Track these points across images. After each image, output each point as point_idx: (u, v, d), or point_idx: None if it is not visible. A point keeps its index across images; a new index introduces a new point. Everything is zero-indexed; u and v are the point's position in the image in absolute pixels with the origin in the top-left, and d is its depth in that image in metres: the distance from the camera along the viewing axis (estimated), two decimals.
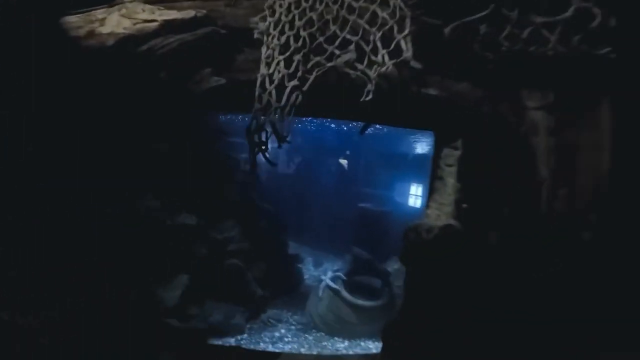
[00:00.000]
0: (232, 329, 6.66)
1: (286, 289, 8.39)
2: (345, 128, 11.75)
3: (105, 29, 2.55)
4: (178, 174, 5.91)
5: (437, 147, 3.96)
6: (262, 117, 2.28)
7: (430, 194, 3.96)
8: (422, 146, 12.42)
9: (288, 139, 2.37)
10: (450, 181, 3.42)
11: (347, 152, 13.72)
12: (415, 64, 2.45)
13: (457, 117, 3.19)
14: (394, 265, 8.69)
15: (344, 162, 13.69)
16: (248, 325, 6.95)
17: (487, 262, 2.97)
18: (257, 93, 2.28)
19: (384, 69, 2.37)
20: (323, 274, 10.43)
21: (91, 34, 2.52)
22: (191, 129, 6.67)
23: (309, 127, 12.19)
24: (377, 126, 8.53)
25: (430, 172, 4.04)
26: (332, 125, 11.56)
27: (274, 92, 2.23)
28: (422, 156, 12.95)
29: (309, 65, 2.32)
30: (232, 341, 6.43)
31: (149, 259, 5.88)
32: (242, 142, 9.76)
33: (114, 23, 2.57)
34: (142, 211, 5.43)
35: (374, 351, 6.46)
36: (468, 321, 3.21)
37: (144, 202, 5.50)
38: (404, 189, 12.89)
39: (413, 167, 12.56)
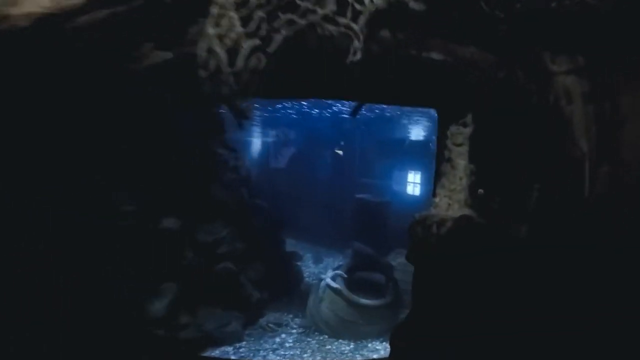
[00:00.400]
0: (229, 336, 6.19)
1: (285, 289, 7.91)
2: (338, 117, 11.23)
3: (18, 10, 2.00)
4: (156, 175, 5.39)
5: (442, 125, 3.44)
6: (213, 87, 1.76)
7: (437, 179, 3.45)
8: (419, 131, 11.92)
9: (250, 115, 1.85)
10: (461, 163, 2.92)
11: (342, 143, 13.20)
12: (416, 5, 1.93)
13: (465, 86, 2.67)
14: (397, 259, 8.23)
15: (339, 152, 13.19)
16: (246, 332, 6.48)
17: (512, 260, 2.47)
18: (201, 56, 1.75)
19: (373, 8, 1.84)
20: (323, 271, 10.00)
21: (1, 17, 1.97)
22: (172, 125, 6.14)
23: (296, 116, 11.65)
24: (374, 109, 7.99)
25: (435, 154, 3.54)
26: (327, 113, 11.03)
27: (224, 54, 1.71)
28: (419, 142, 12.48)
29: (277, 25, 1.80)
30: (230, 350, 5.96)
31: (132, 269, 5.39)
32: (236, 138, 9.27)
33: (29, 2, 2.02)
34: (116, 218, 4.92)
35: (382, 352, 6.01)
36: (486, 327, 2.72)
37: (117, 207, 4.99)
38: (402, 177, 12.41)
39: (411, 154, 12.08)
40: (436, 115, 3.48)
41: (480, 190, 2.68)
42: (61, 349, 3.81)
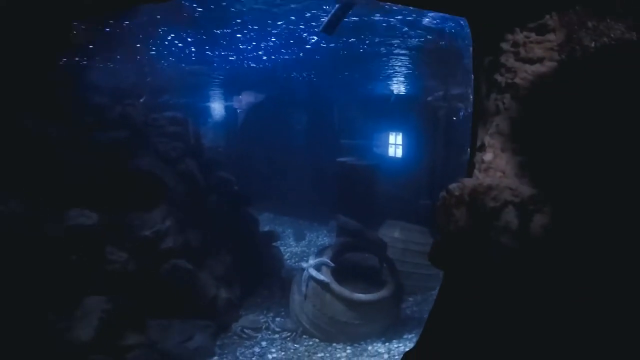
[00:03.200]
0: (195, 353, 4.82)
1: (261, 281, 6.52)
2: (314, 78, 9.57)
3: None
4: (50, 162, 3.74)
5: (489, 41, 2.02)
6: None
7: (476, 131, 2.05)
8: (404, 86, 10.37)
9: None
10: (535, 93, 1.50)
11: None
12: None
13: None
14: (389, 233, 6.89)
15: None
16: (218, 343, 5.14)
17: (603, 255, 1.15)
18: None
19: None
20: (307, 249, 8.62)
21: None
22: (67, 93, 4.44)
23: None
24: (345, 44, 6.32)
25: (473, 90, 2.27)
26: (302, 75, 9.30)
27: None
28: (406, 97, 10.95)
29: None
30: None
31: (38, 286, 3.84)
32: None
33: None
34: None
35: (386, 357, 4.74)
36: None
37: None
38: (388, 137, 10.98)
39: (397, 112, 10.57)
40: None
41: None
42: None
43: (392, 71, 8.62)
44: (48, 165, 3.80)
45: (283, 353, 4.93)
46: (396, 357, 4.78)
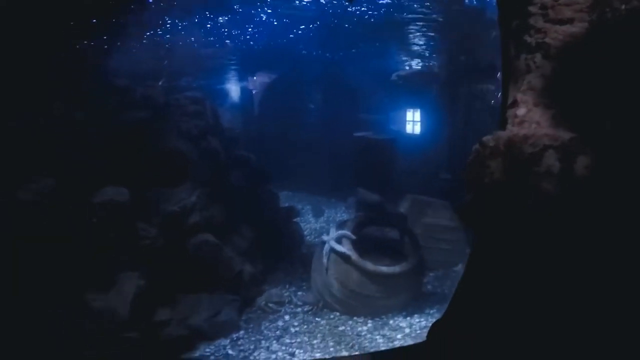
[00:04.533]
0: (223, 327, 4.96)
1: (283, 256, 6.64)
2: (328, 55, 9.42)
3: None
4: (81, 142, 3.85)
5: (516, 4, 1.99)
6: None
7: (507, 91, 2.04)
8: (423, 61, 10.13)
9: None
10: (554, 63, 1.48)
11: None
12: None
13: None
14: (410, 207, 6.89)
15: None
16: (243, 317, 5.28)
17: None
18: None
19: None
20: (325, 225, 8.70)
21: None
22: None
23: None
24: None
25: (501, 53, 2.20)
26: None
27: None
28: (425, 72, 10.68)
29: None
30: (226, 344, 4.77)
31: (73, 262, 4.02)
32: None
33: None
34: (30, 197, 3.43)
35: (407, 331, 4.84)
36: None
37: (30, 184, 3.48)
38: (402, 115, 10.80)
39: (415, 87, 10.34)
40: None
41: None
42: None
43: (413, 44, 8.43)
44: (79, 146, 3.92)
45: (305, 326, 5.06)
46: (418, 331, 4.83)
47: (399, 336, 4.74)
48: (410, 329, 4.89)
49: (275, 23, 6.46)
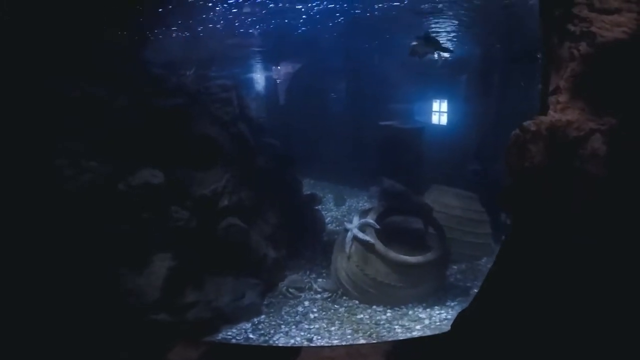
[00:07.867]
0: (245, 311, 5.08)
1: (305, 242, 6.75)
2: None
3: None
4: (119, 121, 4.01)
5: None
6: None
7: (548, 78, 2.12)
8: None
9: None
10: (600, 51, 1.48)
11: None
12: None
13: None
14: (436, 198, 6.84)
15: None
16: (265, 302, 5.41)
17: None
18: None
19: None
20: (347, 214, 8.77)
21: None
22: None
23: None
24: None
25: (542, 42, 2.27)
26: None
27: None
28: (456, 61, 10.44)
29: None
30: (247, 327, 4.90)
31: (107, 241, 4.22)
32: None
33: None
34: (70, 175, 3.63)
35: (427, 322, 4.89)
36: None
37: (72, 163, 3.68)
38: (428, 105, 10.63)
39: (444, 76, 10.14)
40: None
41: None
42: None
43: (443, 32, 8.25)
44: (119, 129, 4.10)
45: (324, 313, 5.15)
46: (437, 323, 4.83)
47: (418, 327, 4.77)
48: (429, 320, 4.91)
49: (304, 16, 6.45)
